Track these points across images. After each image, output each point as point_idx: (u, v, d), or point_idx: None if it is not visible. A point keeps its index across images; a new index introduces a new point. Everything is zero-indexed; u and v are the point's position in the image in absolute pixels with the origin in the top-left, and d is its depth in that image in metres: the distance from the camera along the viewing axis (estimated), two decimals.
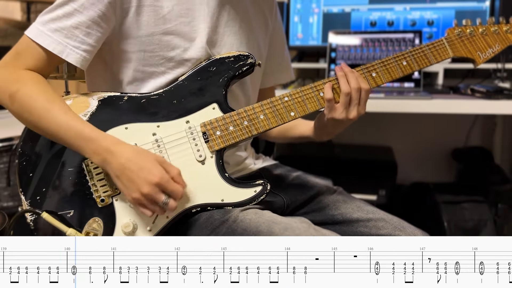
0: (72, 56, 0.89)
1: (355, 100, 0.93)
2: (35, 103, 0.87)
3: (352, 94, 0.93)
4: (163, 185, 0.82)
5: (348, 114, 0.94)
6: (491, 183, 1.90)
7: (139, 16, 0.91)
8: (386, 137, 2.22)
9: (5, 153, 1.60)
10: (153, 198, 0.82)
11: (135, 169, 0.82)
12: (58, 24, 0.88)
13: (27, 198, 0.90)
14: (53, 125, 0.86)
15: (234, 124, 0.93)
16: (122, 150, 0.84)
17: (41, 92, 0.88)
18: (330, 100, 0.94)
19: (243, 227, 0.85)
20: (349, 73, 0.94)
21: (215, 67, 0.95)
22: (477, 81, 1.80)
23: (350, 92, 0.93)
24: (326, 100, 0.94)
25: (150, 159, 0.84)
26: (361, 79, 0.94)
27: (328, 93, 0.94)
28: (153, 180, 0.81)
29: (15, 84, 0.88)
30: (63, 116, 0.86)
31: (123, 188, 0.85)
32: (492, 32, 1.00)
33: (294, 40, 1.93)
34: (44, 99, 0.87)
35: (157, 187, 0.82)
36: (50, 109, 0.86)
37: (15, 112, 0.89)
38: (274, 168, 1.16)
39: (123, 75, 0.96)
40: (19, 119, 0.90)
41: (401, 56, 0.97)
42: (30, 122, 0.88)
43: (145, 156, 0.84)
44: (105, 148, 0.84)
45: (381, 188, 1.81)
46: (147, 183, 0.81)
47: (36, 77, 0.90)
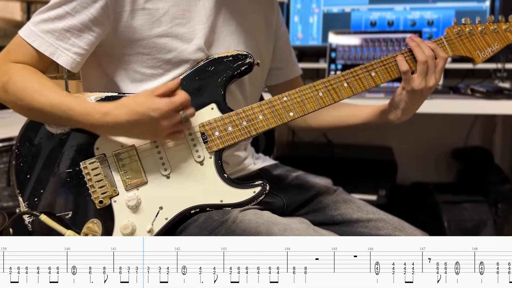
0: (63, 58, 0.89)
1: (432, 67, 0.95)
2: (26, 88, 0.87)
3: (429, 62, 0.94)
4: (171, 108, 0.84)
5: (427, 82, 0.95)
6: (491, 183, 1.89)
7: (133, 19, 0.91)
8: (386, 137, 2.22)
9: (5, 153, 1.60)
10: (174, 122, 0.85)
11: (141, 117, 0.83)
12: (50, 25, 0.88)
13: (24, 200, 0.90)
14: (46, 105, 0.86)
15: (233, 125, 0.93)
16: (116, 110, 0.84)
17: (32, 77, 0.88)
18: (406, 71, 0.95)
19: (242, 228, 0.85)
20: (421, 43, 0.96)
21: (214, 66, 0.95)
22: (477, 81, 1.80)
23: (427, 60, 0.94)
24: (402, 72, 0.96)
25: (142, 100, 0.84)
26: (438, 49, 0.96)
27: (403, 65, 0.96)
28: (162, 111, 0.83)
29: (6, 74, 0.88)
30: (55, 95, 0.86)
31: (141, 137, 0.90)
32: (491, 30, 1.00)
33: (294, 40, 1.93)
34: (36, 83, 0.88)
35: (168, 113, 0.84)
36: (42, 90, 0.87)
37: (10, 101, 0.90)
38: (274, 168, 1.16)
39: (120, 77, 0.96)
40: (14, 108, 0.91)
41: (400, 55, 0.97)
42: (24, 107, 0.88)
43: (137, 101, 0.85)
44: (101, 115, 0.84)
45: (381, 188, 1.80)
46: (160, 118, 0.84)
47: (27, 66, 0.90)
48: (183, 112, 0.86)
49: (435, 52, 0.95)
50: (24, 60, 0.90)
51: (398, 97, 1.00)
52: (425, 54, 0.94)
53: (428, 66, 0.95)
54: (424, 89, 0.95)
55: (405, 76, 0.96)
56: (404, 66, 0.95)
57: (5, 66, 0.90)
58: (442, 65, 0.96)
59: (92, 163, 0.90)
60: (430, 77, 0.95)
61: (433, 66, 0.95)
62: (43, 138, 0.91)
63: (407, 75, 0.95)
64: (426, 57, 0.94)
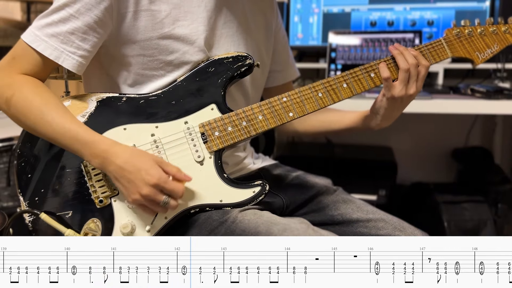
0: (68, 61, 0.89)
1: (413, 76, 0.95)
2: (30, 107, 0.86)
3: (411, 70, 0.94)
4: (161, 185, 0.82)
5: (407, 90, 0.95)
6: (491, 183, 1.89)
7: (136, 21, 0.91)
8: (386, 137, 2.22)
9: (5, 153, 1.61)
10: (153, 199, 0.82)
11: (133, 171, 0.82)
12: (54, 29, 0.88)
13: (25, 199, 0.90)
14: (49, 129, 0.86)
15: (233, 125, 0.93)
16: (119, 152, 0.84)
17: (37, 95, 0.87)
18: (387, 78, 0.95)
19: (242, 228, 0.85)
20: (404, 51, 0.95)
21: (214, 67, 0.95)
22: (477, 81, 1.80)
23: (409, 68, 0.94)
24: (384, 78, 0.95)
25: (148, 160, 0.84)
26: (420, 57, 0.96)
27: (385, 71, 0.95)
28: (151, 181, 0.81)
29: (11, 88, 0.87)
30: (59, 119, 0.86)
31: (123, 189, 0.85)
32: (490, 32, 1.00)
33: (294, 40, 1.93)
34: (40, 103, 0.87)
35: (155, 188, 0.82)
36: (46, 112, 0.86)
37: (12, 116, 0.89)
38: (274, 168, 1.16)
39: (121, 78, 0.96)
40: (17, 123, 0.90)
41: None
42: (27, 125, 0.88)
43: (142, 157, 0.84)
44: (103, 150, 0.84)
45: (381, 188, 1.80)
46: (146, 185, 0.82)
47: (32, 80, 0.90)
48: (167, 198, 0.83)
49: (418, 59, 0.95)
50: (29, 67, 0.89)
51: (378, 103, 1.00)
52: (407, 62, 0.94)
53: (410, 74, 0.95)
54: (404, 97, 0.95)
55: (386, 83, 0.95)
56: (385, 73, 0.95)
57: (9, 78, 0.88)
58: (424, 73, 0.96)
59: None
60: (411, 85, 0.95)
61: (415, 75, 0.95)
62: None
63: (388, 82, 0.95)
64: (409, 65, 0.94)
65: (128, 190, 0.83)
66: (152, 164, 0.83)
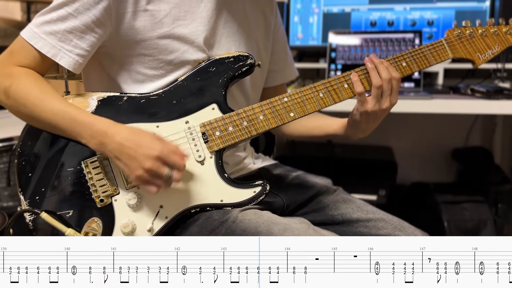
0: (65, 59, 0.89)
1: (387, 91, 0.93)
2: (29, 95, 0.87)
3: (384, 86, 0.93)
4: (164, 158, 0.82)
5: (381, 105, 0.94)
6: (491, 183, 1.89)
7: (135, 21, 0.91)
8: (386, 137, 2.22)
9: (5, 153, 1.61)
10: (156, 173, 0.82)
11: (134, 146, 0.82)
12: (52, 27, 0.88)
13: (26, 198, 0.90)
14: (48, 113, 0.86)
15: (234, 125, 0.93)
16: (118, 130, 0.85)
17: (35, 84, 0.88)
18: (361, 93, 0.94)
19: (243, 228, 0.85)
20: (379, 64, 0.94)
21: (215, 67, 0.95)
22: (477, 81, 1.80)
23: (382, 84, 0.93)
24: (357, 93, 0.94)
25: (147, 135, 0.84)
26: (391, 69, 0.94)
27: (358, 86, 0.94)
28: (153, 154, 0.81)
29: (9, 79, 0.88)
30: (57, 104, 0.86)
31: (124, 167, 0.85)
32: (491, 33, 1.00)
33: (294, 40, 1.93)
34: (38, 90, 0.88)
35: (158, 161, 0.82)
36: (44, 98, 0.87)
37: (11, 106, 0.90)
38: (274, 168, 1.16)
39: (121, 78, 0.96)
40: (15, 113, 0.91)
41: (401, 57, 0.97)
42: (26, 114, 0.89)
43: (141, 133, 0.85)
44: (101, 130, 0.84)
45: (381, 188, 1.81)
46: (148, 158, 0.81)
47: (30, 71, 0.90)
48: (170, 170, 0.83)
49: (389, 71, 0.93)
50: (26, 62, 0.90)
51: (353, 116, 0.99)
52: (381, 77, 0.93)
53: (383, 90, 0.93)
54: (378, 112, 0.94)
55: (359, 97, 0.94)
56: (358, 88, 0.94)
57: (7, 69, 0.89)
58: (396, 86, 0.94)
59: (93, 162, 0.90)
60: (384, 100, 0.94)
61: (389, 89, 0.93)
62: (45, 137, 0.91)
63: (362, 97, 0.94)
64: (382, 81, 0.93)
65: (130, 167, 0.83)
66: (152, 139, 0.84)
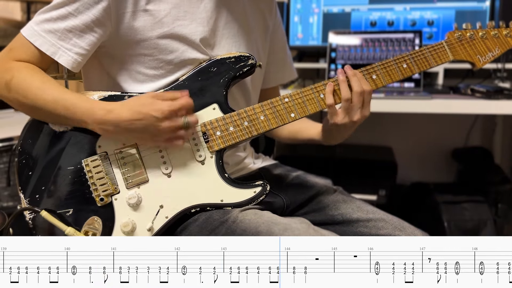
0: (64, 58, 0.90)
1: (357, 104, 0.92)
2: (30, 86, 0.88)
3: (354, 98, 0.92)
4: (172, 110, 0.84)
5: (351, 117, 0.93)
6: (491, 183, 1.90)
7: (135, 21, 0.91)
8: (386, 137, 2.23)
9: (5, 153, 1.61)
10: (174, 126, 0.85)
11: (143, 117, 0.84)
12: (52, 25, 0.89)
13: (26, 197, 0.90)
14: (50, 102, 0.87)
15: (234, 125, 0.93)
16: (119, 108, 0.85)
17: (35, 76, 0.89)
18: (330, 105, 0.94)
19: (243, 228, 0.85)
20: (351, 77, 0.93)
21: (216, 67, 0.95)
22: (477, 81, 1.80)
23: (351, 97, 0.92)
24: (327, 105, 0.94)
25: (146, 100, 0.85)
26: (363, 81, 0.93)
27: (329, 98, 0.93)
28: (164, 113, 0.84)
29: (9, 72, 0.89)
30: (59, 93, 0.87)
31: (143, 141, 0.88)
32: (492, 36, 1.00)
33: (294, 40, 1.93)
34: (39, 81, 0.88)
35: (170, 115, 0.84)
36: (45, 88, 0.88)
37: (13, 99, 0.90)
38: (274, 168, 1.16)
39: (121, 78, 0.96)
40: (18, 106, 0.91)
41: (402, 59, 0.97)
42: (27, 105, 0.89)
43: (141, 101, 0.86)
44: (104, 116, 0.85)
45: (381, 188, 1.81)
46: (160, 120, 0.84)
47: (30, 65, 0.91)
48: (185, 117, 0.86)
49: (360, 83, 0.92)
50: (26, 59, 0.91)
51: (325, 126, 1.00)
52: (352, 90, 0.92)
53: (353, 103, 0.92)
54: (348, 124, 0.94)
55: (329, 109, 0.94)
56: (329, 100, 0.93)
57: (7, 64, 0.90)
58: (368, 99, 0.93)
59: (94, 161, 0.90)
60: (354, 113, 0.93)
61: (360, 102, 0.92)
62: (46, 135, 0.91)
63: (332, 109, 0.94)
64: (352, 93, 0.92)
65: (149, 138, 0.87)
66: (152, 101, 0.85)
